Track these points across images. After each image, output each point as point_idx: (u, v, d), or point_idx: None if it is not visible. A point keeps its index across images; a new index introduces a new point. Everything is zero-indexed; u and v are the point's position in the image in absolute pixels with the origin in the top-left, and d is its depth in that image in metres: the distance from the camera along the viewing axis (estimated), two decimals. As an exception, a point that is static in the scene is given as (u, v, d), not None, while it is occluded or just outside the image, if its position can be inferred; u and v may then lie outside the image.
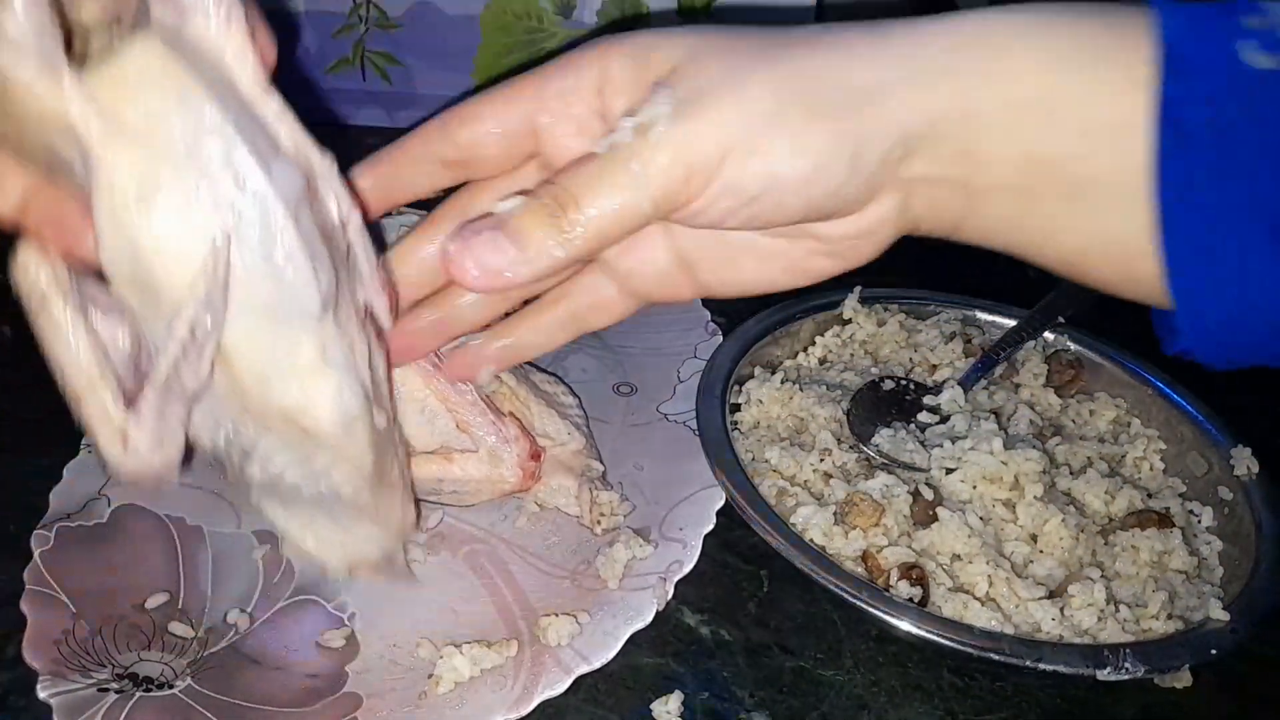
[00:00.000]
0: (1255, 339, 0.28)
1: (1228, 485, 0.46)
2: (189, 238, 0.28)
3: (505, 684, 0.37)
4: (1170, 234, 0.26)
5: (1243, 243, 0.26)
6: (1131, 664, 0.36)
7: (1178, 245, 0.27)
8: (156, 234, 0.28)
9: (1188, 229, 0.26)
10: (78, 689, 0.35)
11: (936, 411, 0.50)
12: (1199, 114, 0.25)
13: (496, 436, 0.43)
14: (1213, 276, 0.27)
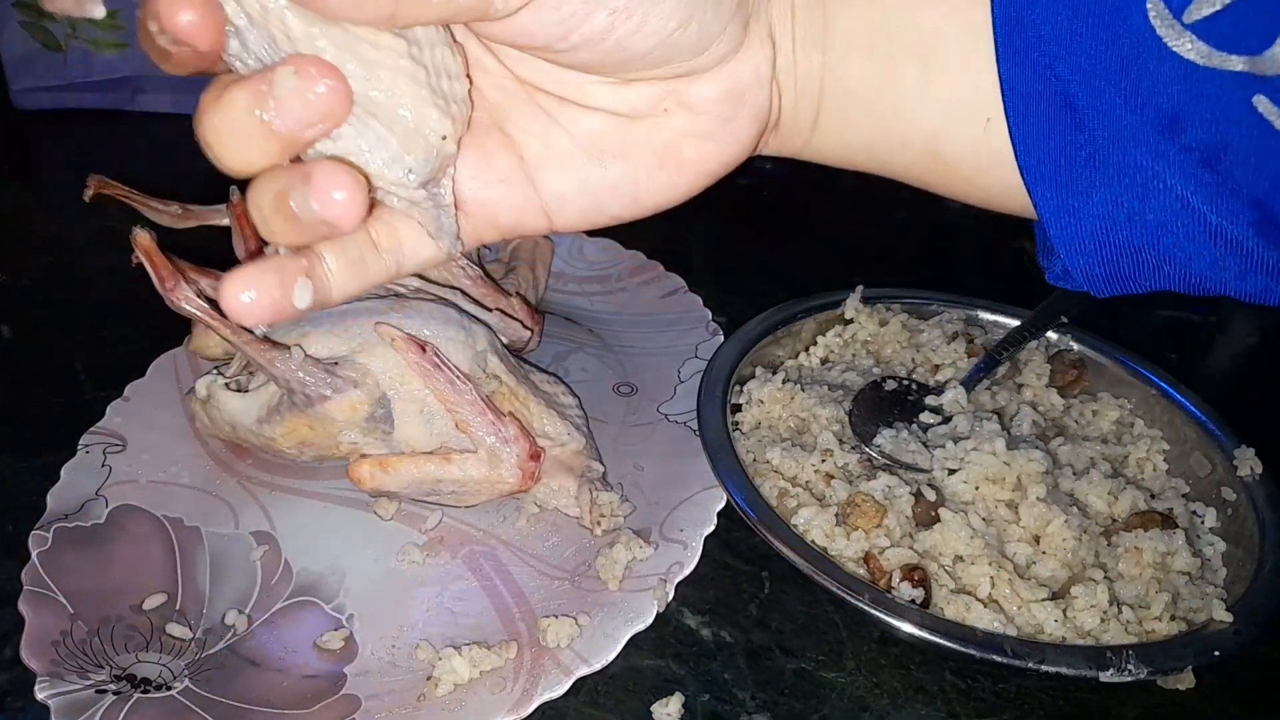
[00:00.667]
0: (1137, 243, 0.27)
1: (1231, 486, 0.46)
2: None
3: (505, 686, 0.37)
4: (1014, 108, 0.26)
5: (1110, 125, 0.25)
6: (1134, 666, 0.36)
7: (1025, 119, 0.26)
8: None
9: (1034, 106, 0.26)
10: (76, 690, 0.35)
11: (939, 412, 0.49)
12: None
13: (496, 437, 0.43)
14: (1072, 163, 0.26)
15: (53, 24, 0.82)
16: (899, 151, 0.29)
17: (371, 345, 0.43)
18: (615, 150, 0.27)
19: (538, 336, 0.54)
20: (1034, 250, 0.31)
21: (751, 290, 0.67)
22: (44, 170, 0.81)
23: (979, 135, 0.27)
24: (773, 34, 0.27)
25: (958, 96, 0.27)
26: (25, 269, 0.63)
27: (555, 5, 0.23)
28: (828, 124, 0.29)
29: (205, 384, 0.45)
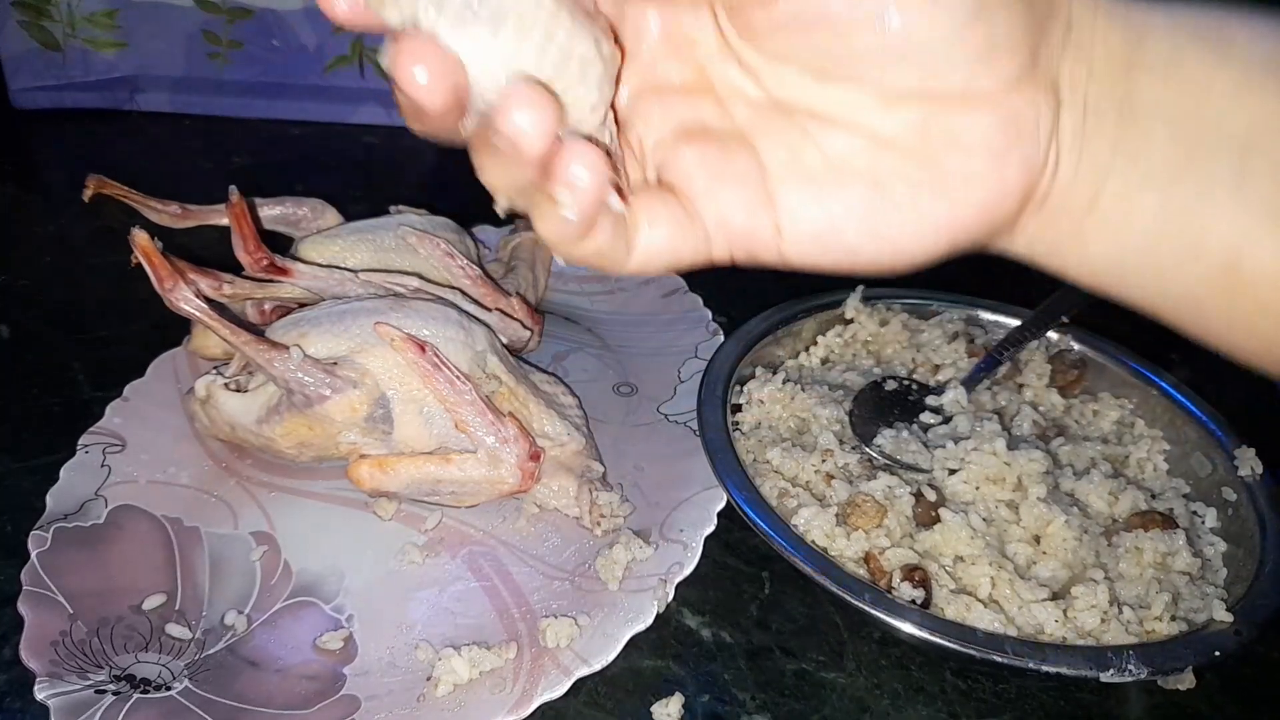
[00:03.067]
0: None
1: (1232, 486, 0.46)
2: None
3: (504, 686, 0.37)
4: None
5: None
6: (1135, 666, 0.36)
7: None
8: None
9: None
10: (75, 690, 0.35)
11: (939, 412, 0.49)
12: None
13: (495, 437, 0.43)
14: None
15: (51, 23, 0.82)
16: (1187, 263, 0.24)
17: (371, 345, 0.43)
18: (865, 174, 0.24)
19: (537, 336, 0.54)
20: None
21: (751, 290, 0.67)
22: (42, 170, 0.81)
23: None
24: (1059, 89, 0.24)
25: (1277, 203, 0.23)
26: (24, 269, 0.63)
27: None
28: (1109, 210, 0.24)
29: (204, 384, 0.45)
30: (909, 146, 0.24)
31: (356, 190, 0.76)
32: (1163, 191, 0.24)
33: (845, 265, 0.26)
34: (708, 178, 0.25)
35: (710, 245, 0.26)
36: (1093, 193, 0.24)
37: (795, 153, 0.25)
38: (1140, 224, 0.24)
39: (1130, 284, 0.25)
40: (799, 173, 0.25)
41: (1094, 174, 0.24)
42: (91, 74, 0.85)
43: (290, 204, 0.58)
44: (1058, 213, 0.25)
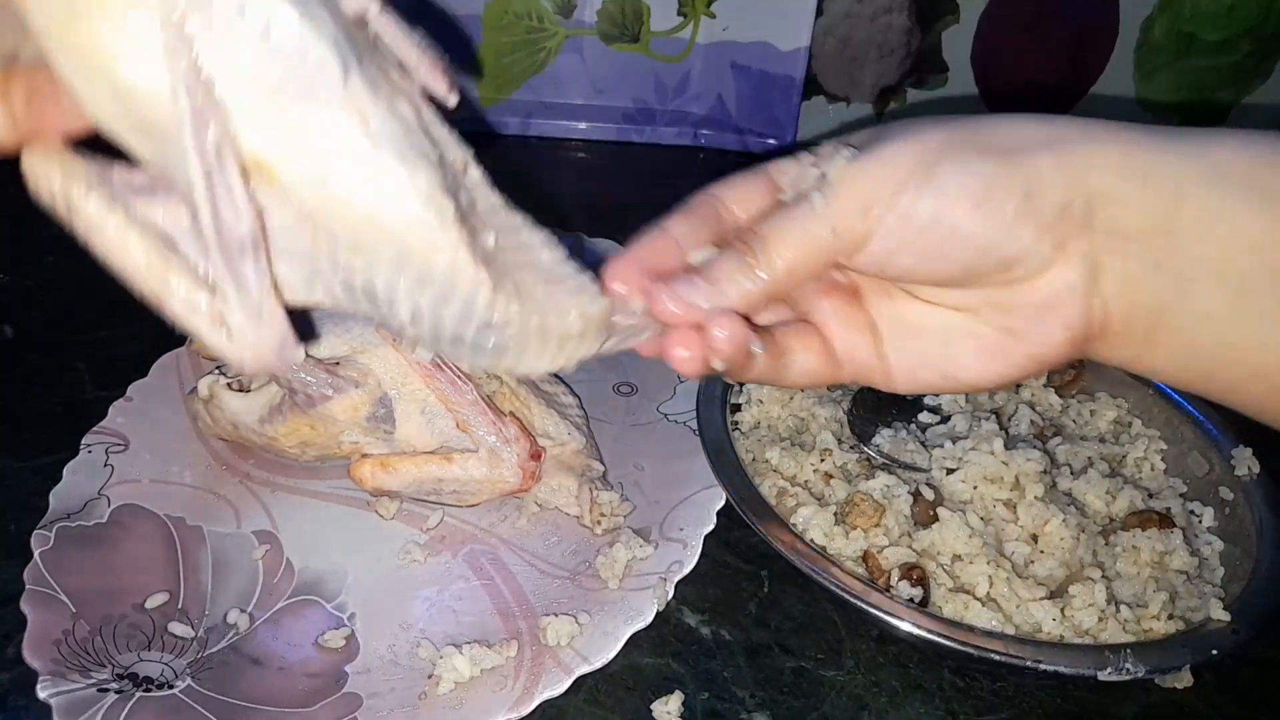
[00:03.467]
0: None
1: (1228, 485, 0.46)
2: (140, 30, 0.22)
3: (505, 684, 0.37)
4: None
5: None
6: (1132, 664, 0.36)
7: None
8: (104, 37, 0.22)
9: None
10: (78, 689, 0.35)
11: (937, 412, 0.50)
12: None
13: (497, 436, 0.43)
14: None
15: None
16: (1248, 383, 0.28)
17: (373, 345, 0.44)
18: (940, 332, 0.31)
19: (538, 337, 0.55)
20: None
21: (751, 291, 0.67)
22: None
23: None
24: (1095, 257, 0.27)
25: None
26: (27, 269, 0.64)
27: (887, 249, 0.28)
28: (1167, 344, 0.28)
29: (207, 384, 0.45)
30: (969, 313, 0.30)
31: (357, 191, 0.76)
32: (1217, 334, 0.27)
33: (934, 390, 0.33)
34: (839, 324, 0.32)
35: (840, 369, 0.32)
36: (1149, 328, 0.28)
37: (896, 313, 0.32)
38: (1199, 356, 0.28)
39: (1200, 390, 0.29)
40: (897, 329, 0.32)
41: (1147, 316, 0.27)
42: (93, 75, 0.85)
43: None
44: (1119, 342, 0.29)
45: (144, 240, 0.26)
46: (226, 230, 0.25)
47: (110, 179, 0.26)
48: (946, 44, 0.88)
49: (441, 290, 0.28)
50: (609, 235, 0.67)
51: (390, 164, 0.26)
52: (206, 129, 0.23)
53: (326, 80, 0.24)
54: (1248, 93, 0.91)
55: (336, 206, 0.26)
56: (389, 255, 0.27)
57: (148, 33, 0.23)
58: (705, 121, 0.90)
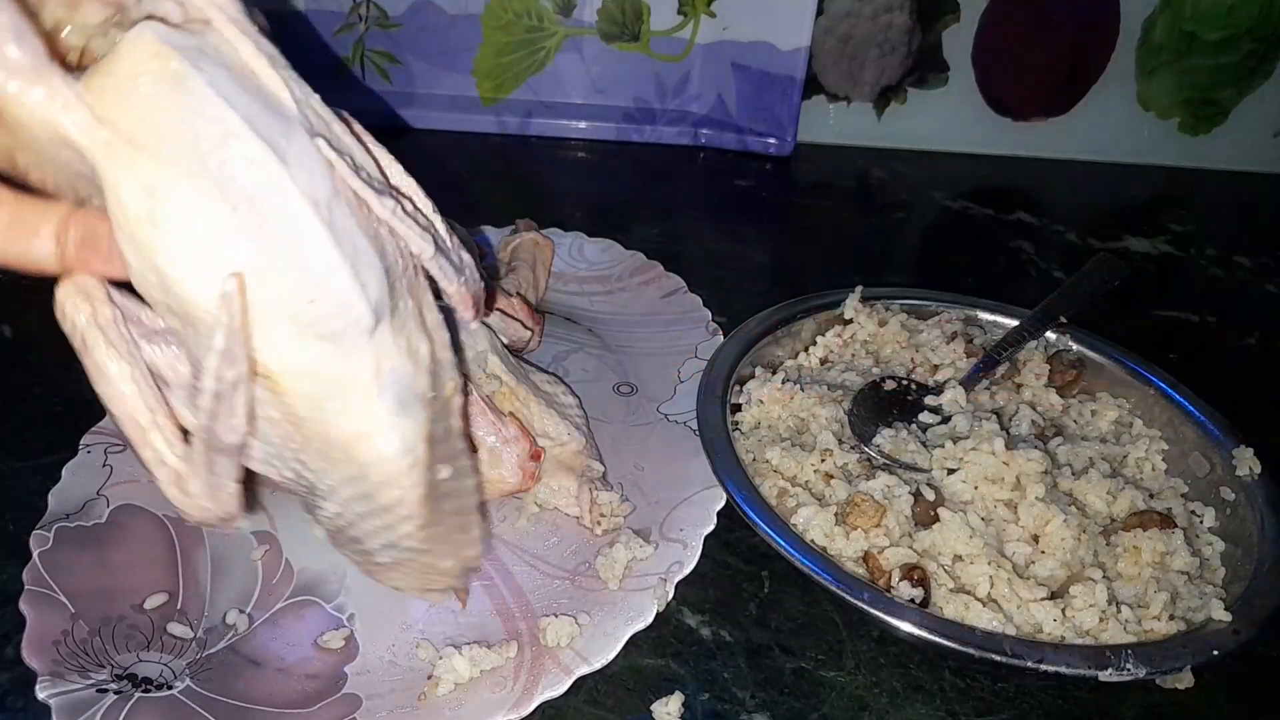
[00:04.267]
0: None
1: (1230, 486, 0.46)
2: (207, 257, 0.24)
3: (505, 685, 0.37)
4: None
5: None
6: (1133, 665, 0.36)
7: None
8: (173, 253, 0.24)
9: None
10: (77, 689, 0.35)
11: (938, 412, 0.50)
12: None
13: (496, 437, 0.43)
14: None
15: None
16: None
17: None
18: None
19: (538, 337, 0.55)
20: (1032, 250, 0.31)
21: (751, 290, 0.67)
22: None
23: None
24: None
25: None
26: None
27: None
28: None
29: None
30: None
31: (357, 191, 0.76)
32: None
33: None
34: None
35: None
36: None
37: None
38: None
39: None
40: None
41: None
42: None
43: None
44: None
45: (139, 392, 0.28)
46: (215, 436, 0.28)
47: (136, 317, 0.29)
48: (947, 43, 0.88)
49: (375, 512, 0.32)
50: (609, 235, 0.67)
51: (385, 411, 0.29)
52: (232, 368, 0.26)
53: (357, 331, 0.27)
54: (1248, 92, 0.91)
55: (322, 426, 0.29)
56: (348, 473, 0.30)
57: (217, 256, 0.25)
58: (705, 121, 0.90)
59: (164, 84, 0.24)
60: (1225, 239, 0.82)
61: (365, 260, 0.27)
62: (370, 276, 0.27)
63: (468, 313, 0.33)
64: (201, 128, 0.24)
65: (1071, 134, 0.92)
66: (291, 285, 0.26)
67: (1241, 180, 0.93)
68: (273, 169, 0.24)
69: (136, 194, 0.24)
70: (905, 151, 0.93)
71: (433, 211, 0.32)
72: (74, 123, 0.24)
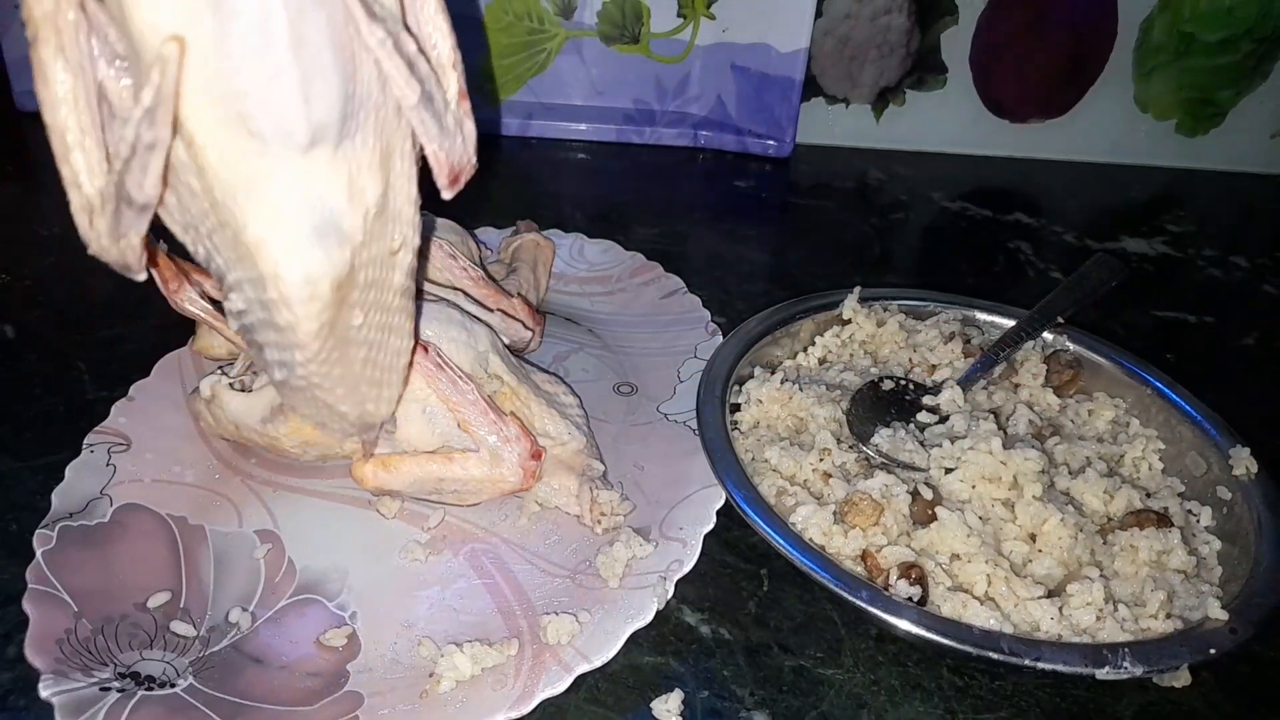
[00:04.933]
0: None
1: (1226, 485, 0.47)
2: (164, 2, 0.23)
3: (506, 683, 0.37)
4: None
5: None
6: (1130, 663, 0.36)
7: None
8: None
9: None
10: (80, 688, 0.35)
11: (936, 411, 0.50)
12: None
13: (497, 436, 0.43)
14: None
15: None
16: None
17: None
18: None
19: (539, 337, 0.55)
20: (1030, 251, 0.31)
21: (750, 291, 0.67)
22: (46, 170, 0.81)
23: None
24: None
25: None
26: (27, 269, 0.64)
27: None
28: None
29: (209, 384, 0.46)
30: None
31: (358, 192, 0.76)
32: None
33: None
34: None
35: None
36: None
37: None
38: None
39: None
40: None
41: None
42: (94, 76, 0.85)
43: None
44: None
45: (74, 105, 0.26)
46: (125, 189, 0.26)
47: (104, 34, 0.26)
48: (945, 45, 0.88)
49: (270, 324, 0.30)
50: (609, 235, 0.67)
51: (296, 234, 0.27)
52: (152, 130, 0.24)
53: (286, 143, 0.26)
54: (1247, 92, 0.91)
55: (233, 217, 0.27)
56: (249, 275, 0.29)
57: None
58: (705, 122, 0.90)
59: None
60: (1223, 240, 0.82)
61: (321, 77, 0.25)
62: (320, 95, 0.25)
63: (443, 179, 0.31)
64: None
65: (1069, 135, 0.92)
66: (233, 71, 0.24)
67: (1239, 181, 0.94)
68: None
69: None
70: (904, 153, 0.93)
71: (452, 65, 0.30)
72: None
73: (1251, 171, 0.95)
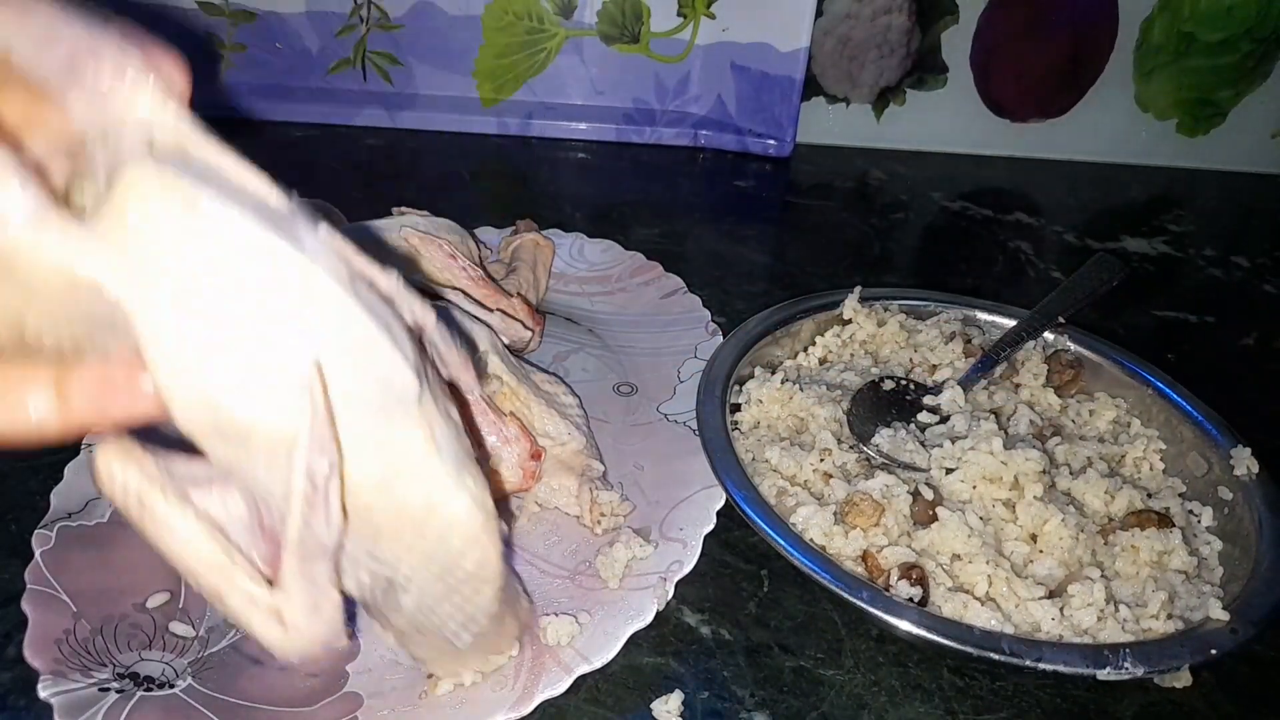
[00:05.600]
0: None
1: (1228, 485, 0.46)
2: (255, 362, 0.24)
3: (506, 684, 0.37)
4: None
5: None
6: (1131, 664, 0.36)
7: None
8: (219, 367, 0.24)
9: None
10: (79, 688, 0.35)
11: (936, 411, 0.50)
12: None
13: (497, 436, 0.43)
14: None
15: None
16: None
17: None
18: None
19: (538, 337, 0.55)
20: (1031, 251, 0.31)
21: (750, 290, 0.67)
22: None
23: None
24: None
25: None
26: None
27: None
28: None
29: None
30: None
31: (359, 192, 0.76)
32: None
33: None
34: None
35: None
36: None
37: None
38: None
39: None
40: None
41: None
42: (94, 76, 0.85)
43: (292, 205, 0.58)
44: None
45: (209, 539, 0.27)
46: (313, 539, 0.26)
47: (172, 469, 0.27)
48: (946, 44, 0.88)
49: (455, 587, 0.32)
50: (609, 235, 0.67)
51: (446, 475, 0.28)
52: (323, 456, 0.25)
53: (405, 401, 0.27)
54: (1248, 92, 0.91)
55: (393, 507, 0.28)
56: (425, 551, 0.30)
57: (256, 355, 0.24)
58: (705, 122, 0.90)
59: (174, 207, 0.23)
60: (1223, 239, 0.82)
61: (396, 328, 0.26)
62: (404, 343, 0.26)
63: (468, 377, 0.32)
64: (221, 238, 0.23)
65: (1070, 135, 0.92)
66: (341, 365, 0.25)
67: (1240, 181, 0.94)
68: (298, 260, 0.24)
69: (168, 316, 0.23)
70: (904, 152, 0.93)
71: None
72: (91, 260, 0.23)
73: (1252, 171, 0.95)
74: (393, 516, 0.28)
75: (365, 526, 0.28)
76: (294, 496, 0.25)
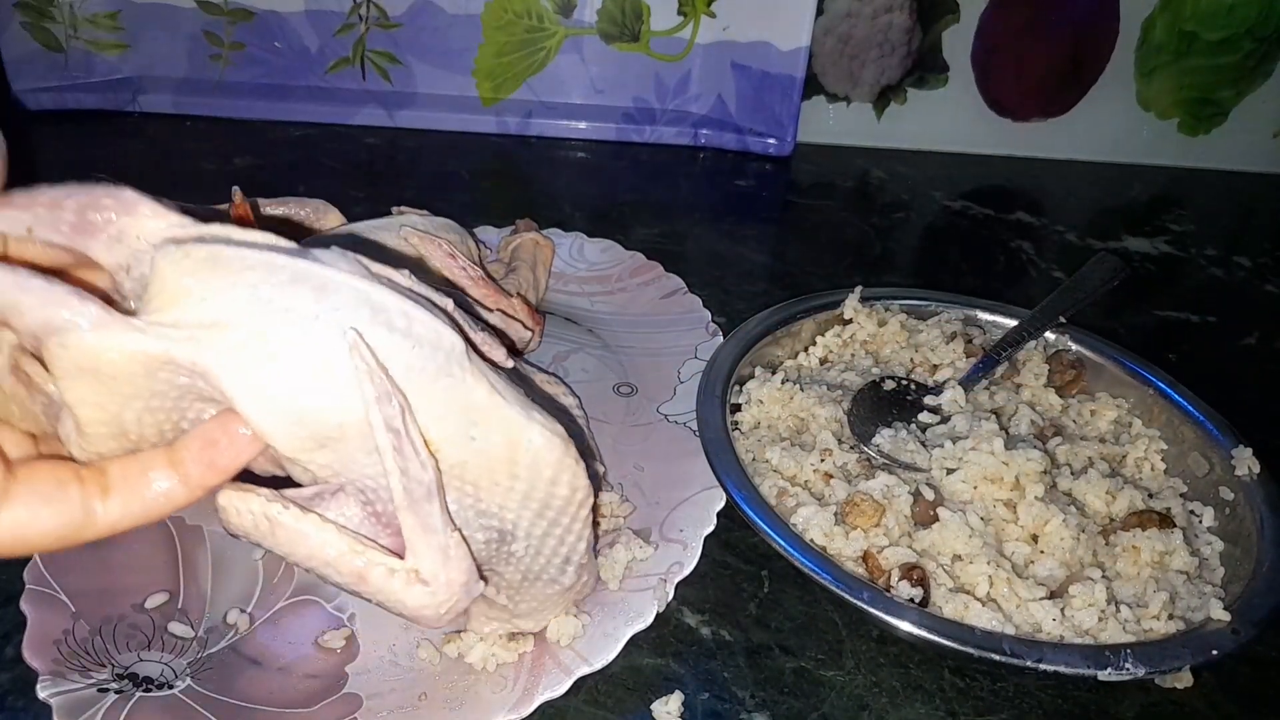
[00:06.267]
0: None
1: (1229, 486, 0.46)
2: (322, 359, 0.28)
3: (505, 685, 0.37)
4: None
5: None
6: (1132, 664, 0.36)
7: None
8: (299, 380, 0.28)
9: None
10: (77, 689, 0.35)
11: (937, 412, 0.50)
12: None
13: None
14: None
15: (54, 25, 0.83)
16: None
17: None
18: None
19: (538, 337, 0.55)
20: (1033, 250, 0.31)
21: (751, 290, 0.67)
22: (45, 171, 0.81)
23: None
24: None
25: None
26: (26, 269, 0.63)
27: None
28: None
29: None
30: None
31: (358, 191, 0.76)
32: None
33: None
34: None
35: None
36: None
37: None
38: None
39: None
40: None
41: None
42: (94, 75, 0.85)
43: (293, 205, 0.58)
44: None
45: (340, 534, 0.30)
46: (414, 481, 0.29)
47: (284, 495, 0.31)
48: (947, 43, 0.88)
49: (556, 520, 0.34)
50: (609, 235, 0.67)
51: (518, 411, 0.32)
52: (391, 402, 0.28)
53: (459, 357, 0.30)
54: (1249, 92, 0.91)
55: (481, 458, 0.31)
56: (522, 490, 0.32)
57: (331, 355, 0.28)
58: (705, 121, 0.90)
59: (204, 268, 0.27)
60: (1225, 239, 0.82)
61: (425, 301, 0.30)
62: (441, 314, 0.30)
63: (499, 356, 0.34)
64: (251, 278, 0.27)
65: (1071, 134, 0.92)
66: (391, 343, 0.28)
67: (1241, 180, 0.93)
68: (321, 270, 0.28)
69: (236, 358, 0.27)
70: (905, 151, 0.93)
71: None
72: (154, 337, 0.27)
73: (1253, 171, 0.94)
74: (485, 467, 0.31)
75: (465, 486, 0.31)
76: (384, 453, 0.28)
